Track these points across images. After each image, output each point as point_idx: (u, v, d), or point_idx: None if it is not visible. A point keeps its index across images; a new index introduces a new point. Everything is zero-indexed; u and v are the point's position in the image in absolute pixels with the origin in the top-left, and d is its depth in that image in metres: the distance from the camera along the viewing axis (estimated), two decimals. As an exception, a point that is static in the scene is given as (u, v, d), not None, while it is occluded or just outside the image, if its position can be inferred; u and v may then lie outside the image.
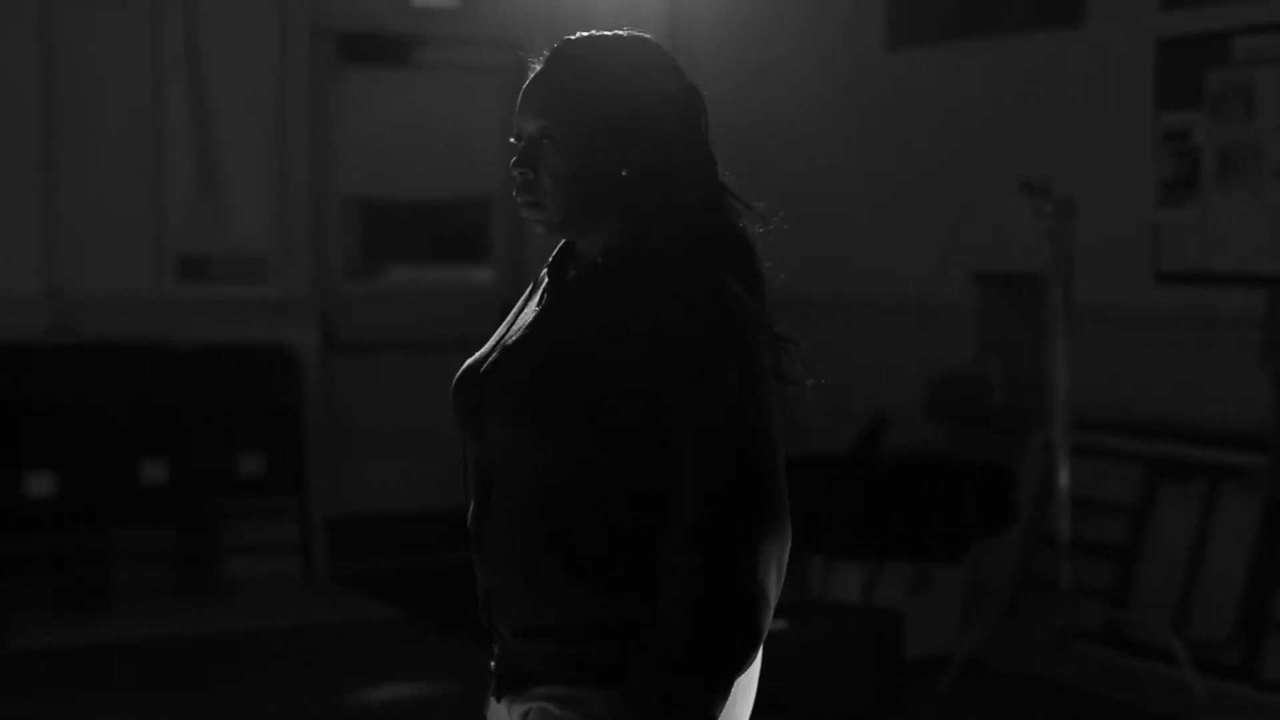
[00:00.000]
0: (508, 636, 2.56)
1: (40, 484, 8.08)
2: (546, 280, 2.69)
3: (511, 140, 2.64)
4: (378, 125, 9.53)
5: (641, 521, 2.45)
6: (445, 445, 4.24)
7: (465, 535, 2.59)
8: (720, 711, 2.41)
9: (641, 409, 2.44)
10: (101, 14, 8.65)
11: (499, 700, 2.60)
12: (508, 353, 2.60)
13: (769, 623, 2.43)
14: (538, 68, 2.69)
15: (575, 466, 2.46)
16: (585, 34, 2.70)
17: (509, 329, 2.67)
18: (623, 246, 2.58)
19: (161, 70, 8.77)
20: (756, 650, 2.42)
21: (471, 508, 2.60)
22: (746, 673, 2.54)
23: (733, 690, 2.48)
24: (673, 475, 2.43)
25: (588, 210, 2.58)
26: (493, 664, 2.63)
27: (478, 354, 2.66)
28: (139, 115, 8.76)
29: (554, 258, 2.70)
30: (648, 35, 2.70)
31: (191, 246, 8.88)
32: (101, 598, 8.20)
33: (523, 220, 2.64)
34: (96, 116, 8.66)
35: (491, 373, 2.58)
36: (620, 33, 2.70)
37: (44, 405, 8.24)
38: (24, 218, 8.53)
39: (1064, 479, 6.91)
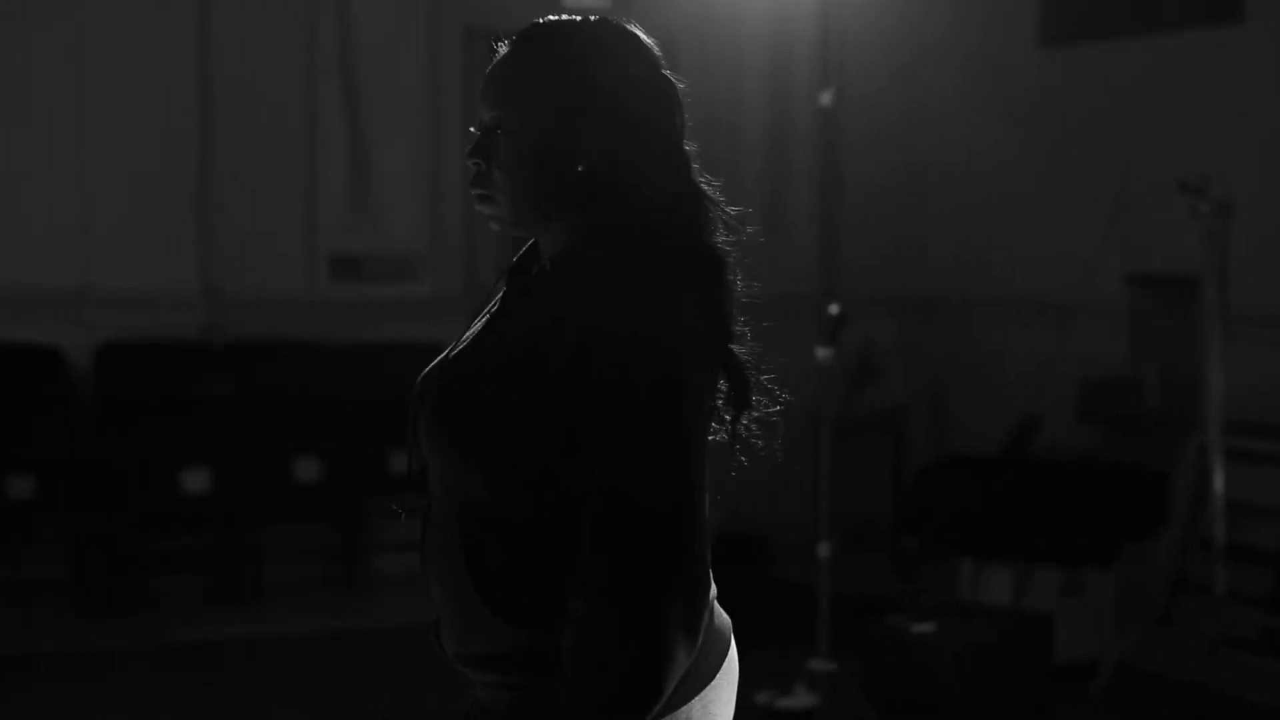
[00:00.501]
0: (454, 663, 2.43)
1: (196, 480, 8.19)
2: (502, 285, 2.50)
3: (471, 129, 2.45)
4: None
5: (560, 555, 2.26)
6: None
7: None
8: None
9: (558, 437, 2.24)
10: (257, 16, 8.76)
11: None
12: (444, 369, 2.42)
13: (674, 678, 2.20)
14: (501, 51, 2.46)
15: (492, 495, 2.29)
16: (554, 18, 2.45)
17: (458, 340, 2.48)
18: (572, 252, 2.38)
19: (315, 71, 8.87)
20: (656, 705, 2.20)
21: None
22: (717, 689, 2.40)
23: (706, 709, 2.37)
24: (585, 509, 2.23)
25: (541, 207, 2.39)
26: None
27: (428, 367, 2.47)
28: (293, 116, 8.86)
29: (516, 259, 2.51)
30: (626, 23, 2.45)
31: (344, 246, 8.97)
32: (254, 592, 8.30)
33: None
34: (251, 117, 8.77)
35: (426, 390, 2.41)
36: (593, 18, 2.44)
37: (200, 403, 8.36)
38: (180, 218, 8.65)
39: (1219, 483, 6.81)
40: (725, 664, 2.45)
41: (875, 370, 9.51)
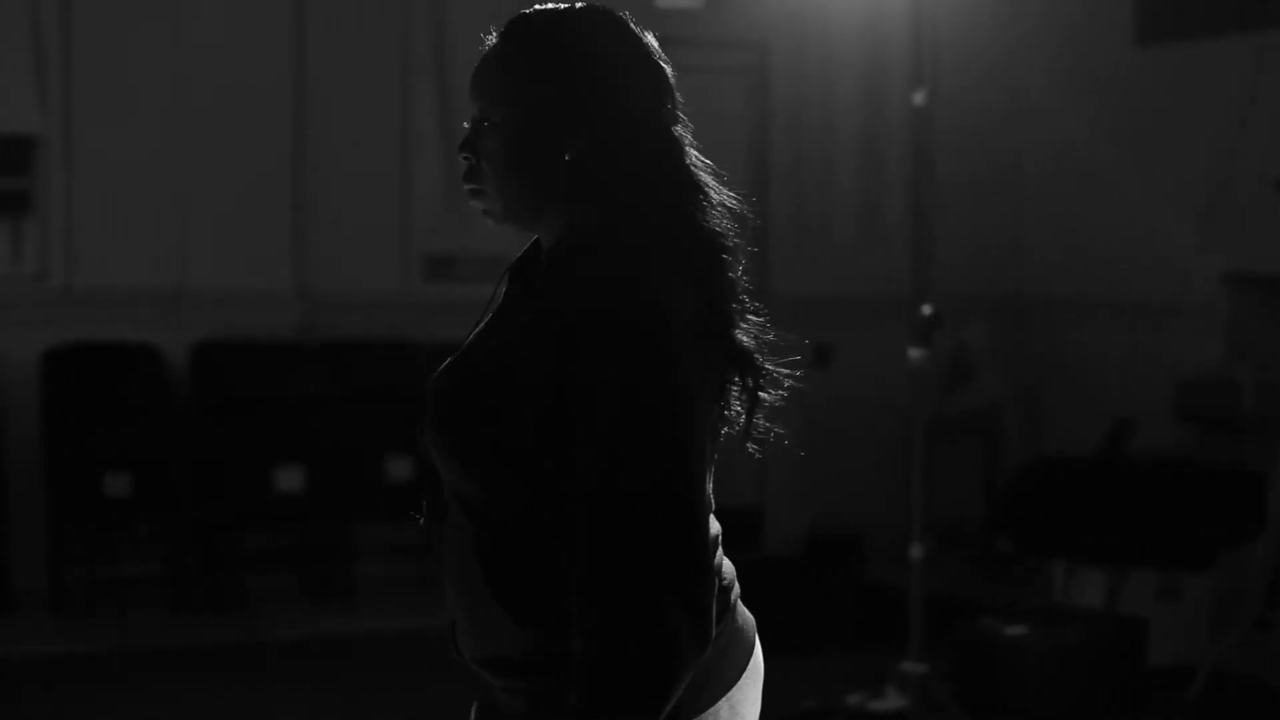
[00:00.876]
0: (472, 665, 2.42)
1: (290, 478, 8.24)
2: (506, 282, 2.48)
3: (465, 124, 2.44)
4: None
5: (566, 555, 2.22)
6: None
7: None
8: None
9: (552, 436, 2.21)
10: (351, 17, 8.81)
11: None
12: (447, 369, 2.40)
13: (685, 671, 2.16)
14: (489, 44, 2.46)
15: (495, 495, 2.28)
16: (538, 7, 2.44)
17: (465, 341, 2.45)
18: (563, 246, 2.35)
19: (410, 71, 8.90)
20: (668, 701, 2.16)
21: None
22: (743, 689, 2.38)
23: (734, 709, 2.35)
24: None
25: (528, 200, 2.37)
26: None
27: (440, 367, 2.44)
28: (387, 116, 8.90)
29: (519, 256, 2.49)
30: (611, 9, 2.42)
31: (438, 246, 9.01)
32: (347, 590, 8.34)
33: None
34: (346, 119, 8.81)
35: (430, 392, 2.38)
36: (578, 5, 2.42)
37: (294, 402, 8.40)
38: (276, 218, 8.71)
39: (1318, 486, 6.74)
40: (751, 663, 2.41)
41: (968, 371, 9.46)
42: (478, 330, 2.43)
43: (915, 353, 6.40)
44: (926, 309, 6.35)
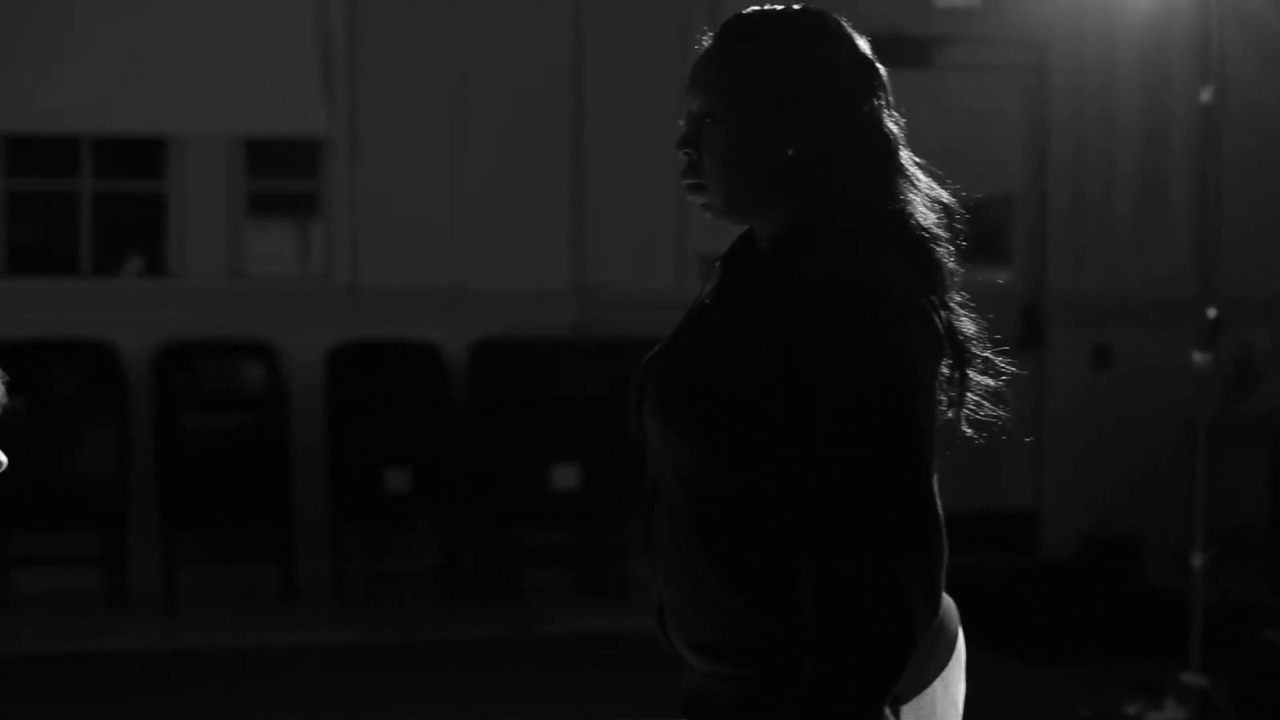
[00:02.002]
0: (682, 651, 2.42)
1: (565, 476, 8.32)
2: (720, 270, 2.53)
3: (680, 122, 2.51)
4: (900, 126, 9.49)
5: (791, 527, 2.27)
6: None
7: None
8: None
9: (787, 411, 2.25)
10: (631, 21, 8.87)
11: None
12: (666, 350, 2.47)
13: (917, 636, 2.18)
14: (706, 43, 2.52)
15: (724, 471, 2.30)
16: (755, 8, 2.49)
17: (678, 328, 2.52)
18: (787, 235, 2.40)
19: (687, 71, 8.93)
20: (901, 672, 2.18)
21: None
22: (953, 670, 2.40)
23: (947, 688, 2.37)
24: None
25: (752, 194, 2.43)
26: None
27: (649, 354, 2.51)
28: (664, 116, 8.91)
29: (731, 246, 2.55)
30: (825, 10, 2.48)
31: (713, 245, 9.01)
32: (620, 588, 8.39)
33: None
34: (623, 119, 8.87)
35: (650, 371, 2.45)
36: (794, 6, 2.48)
37: (570, 400, 8.48)
38: (555, 217, 8.81)
39: None
40: (957, 645, 2.44)
41: (1254, 375, 9.24)
42: (694, 315, 2.50)
43: (1199, 356, 6.26)
44: (1211, 311, 6.22)
